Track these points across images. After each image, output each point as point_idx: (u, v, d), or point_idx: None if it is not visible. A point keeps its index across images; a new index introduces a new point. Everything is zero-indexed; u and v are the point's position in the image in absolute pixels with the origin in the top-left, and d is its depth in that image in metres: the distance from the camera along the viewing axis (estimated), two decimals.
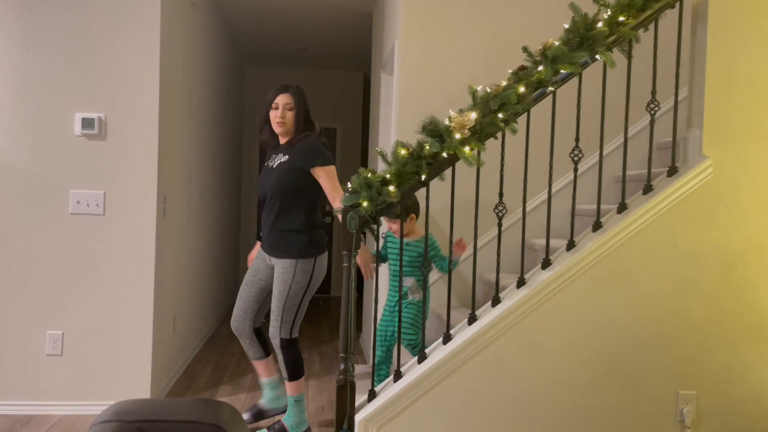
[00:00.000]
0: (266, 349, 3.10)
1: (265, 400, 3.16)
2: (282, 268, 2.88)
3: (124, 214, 3.31)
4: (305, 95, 2.99)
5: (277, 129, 2.93)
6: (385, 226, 3.05)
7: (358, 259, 2.86)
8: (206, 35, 4.71)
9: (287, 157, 2.91)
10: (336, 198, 2.88)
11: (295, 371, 2.94)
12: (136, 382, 3.33)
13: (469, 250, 3.54)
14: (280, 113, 2.90)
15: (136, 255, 3.32)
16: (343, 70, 7.39)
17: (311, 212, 2.93)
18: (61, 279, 3.28)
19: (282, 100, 2.91)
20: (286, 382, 2.98)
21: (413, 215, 3.04)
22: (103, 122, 3.28)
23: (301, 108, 2.94)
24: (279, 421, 3.04)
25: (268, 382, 3.14)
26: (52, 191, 3.27)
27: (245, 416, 3.14)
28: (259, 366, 3.11)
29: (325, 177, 2.89)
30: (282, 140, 2.98)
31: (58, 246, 3.27)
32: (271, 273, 2.99)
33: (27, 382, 3.27)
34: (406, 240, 3.03)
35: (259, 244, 3.15)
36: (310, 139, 2.94)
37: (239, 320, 3.04)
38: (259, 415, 3.14)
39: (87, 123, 3.25)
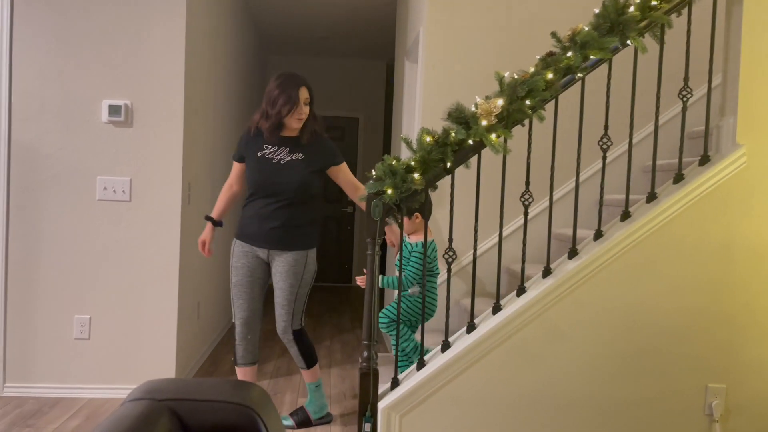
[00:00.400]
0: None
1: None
2: (293, 261, 2.86)
3: (150, 201, 3.34)
4: None
5: (295, 125, 2.82)
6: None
7: (388, 234, 2.88)
8: (230, 24, 4.72)
9: (302, 155, 2.84)
10: (360, 189, 2.92)
11: (310, 358, 2.97)
12: (161, 366, 3.37)
13: (495, 240, 3.51)
14: (302, 110, 2.81)
15: (161, 241, 3.35)
16: (366, 59, 7.36)
17: (318, 207, 3.00)
18: (88, 264, 3.33)
19: (302, 95, 2.81)
20: (304, 371, 2.99)
21: (418, 214, 2.96)
22: (129, 109, 3.31)
23: (313, 100, 2.89)
24: (302, 407, 3.06)
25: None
26: (79, 177, 3.31)
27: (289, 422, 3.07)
28: (248, 374, 3.00)
29: (344, 173, 2.96)
30: (287, 132, 2.86)
31: (86, 232, 3.32)
32: (266, 269, 2.92)
33: (55, 366, 3.34)
34: (405, 239, 3.01)
35: (212, 228, 2.99)
36: (322, 138, 2.91)
37: (256, 321, 2.94)
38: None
39: (114, 110, 3.28)
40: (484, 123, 2.26)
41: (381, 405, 2.34)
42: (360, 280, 2.65)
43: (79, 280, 3.33)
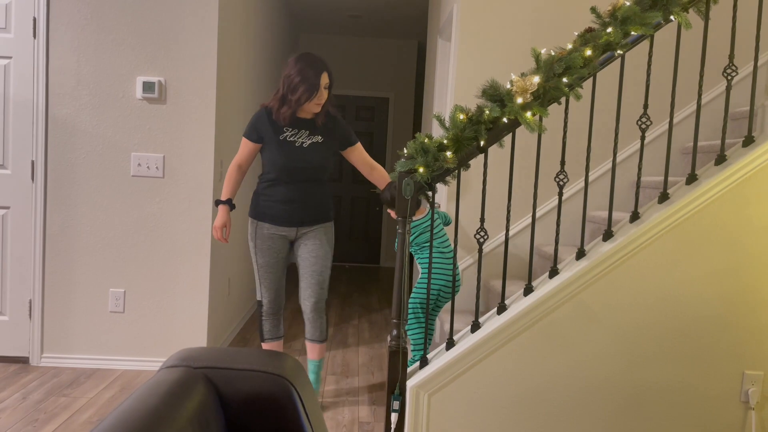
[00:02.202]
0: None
1: None
2: (323, 232, 2.95)
3: (183, 178, 3.37)
4: None
5: (315, 110, 2.81)
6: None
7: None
8: (262, 2, 4.70)
9: (321, 138, 2.86)
10: (375, 167, 3.00)
11: (327, 331, 3.06)
12: (193, 340, 3.43)
13: (523, 223, 3.46)
14: (322, 95, 2.80)
15: (193, 218, 3.39)
16: (397, 38, 7.29)
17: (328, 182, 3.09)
18: (123, 239, 3.39)
19: (323, 81, 2.78)
20: (319, 345, 3.00)
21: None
22: (163, 86, 3.33)
23: (333, 83, 2.86)
24: None
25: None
26: (114, 153, 3.36)
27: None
28: (276, 348, 3.06)
29: (360, 151, 3.00)
30: (304, 114, 2.85)
31: (120, 207, 3.38)
32: (289, 249, 2.97)
33: (91, 337, 3.42)
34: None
35: (227, 211, 2.91)
36: (336, 119, 2.93)
37: (281, 299, 3.00)
38: None
39: (147, 87, 3.30)
40: (519, 101, 2.21)
41: (410, 383, 2.35)
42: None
43: (113, 254, 3.39)
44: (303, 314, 2.98)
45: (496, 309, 2.42)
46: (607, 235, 2.36)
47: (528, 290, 2.39)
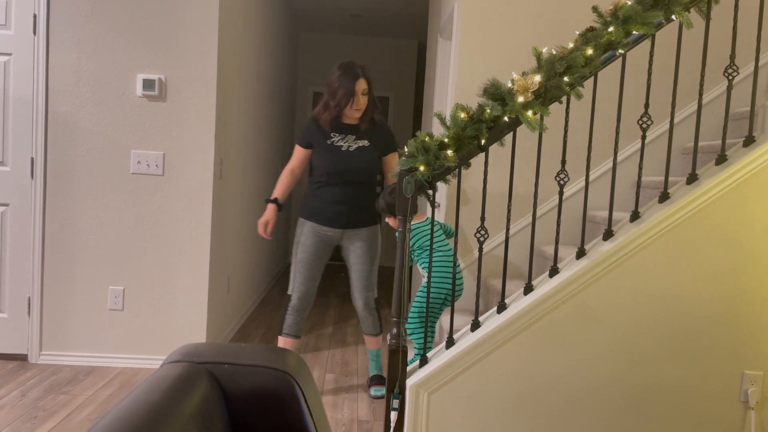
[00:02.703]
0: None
1: None
2: (372, 234, 3.14)
3: (183, 175, 3.37)
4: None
5: (355, 115, 3.01)
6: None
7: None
8: (263, 1, 4.70)
9: (367, 142, 3.06)
10: None
11: (381, 325, 3.27)
12: (192, 338, 3.43)
13: (527, 221, 3.46)
14: (359, 101, 2.97)
15: (193, 216, 3.39)
16: (398, 38, 7.29)
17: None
18: (122, 236, 3.38)
19: (360, 87, 2.96)
20: (375, 338, 3.24)
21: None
22: (163, 84, 3.33)
23: (372, 90, 3.04)
24: (375, 375, 3.28)
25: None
26: (114, 151, 3.35)
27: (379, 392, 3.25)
28: (290, 345, 3.18)
29: (396, 160, 3.15)
30: (349, 119, 3.05)
31: (120, 204, 3.37)
32: (331, 251, 3.16)
33: (90, 335, 3.42)
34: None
35: (275, 210, 3.08)
36: (383, 125, 3.15)
37: (311, 297, 3.13)
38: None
39: (148, 84, 3.30)
40: (520, 99, 2.21)
41: (410, 382, 2.34)
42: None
43: (113, 252, 3.39)
44: (357, 312, 3.28)
45: (496, 308, 2.42)
46: (608, 235, 2.36)
47: (528, 289, 2.39)
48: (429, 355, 2.45)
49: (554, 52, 2.26)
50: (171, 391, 0.86)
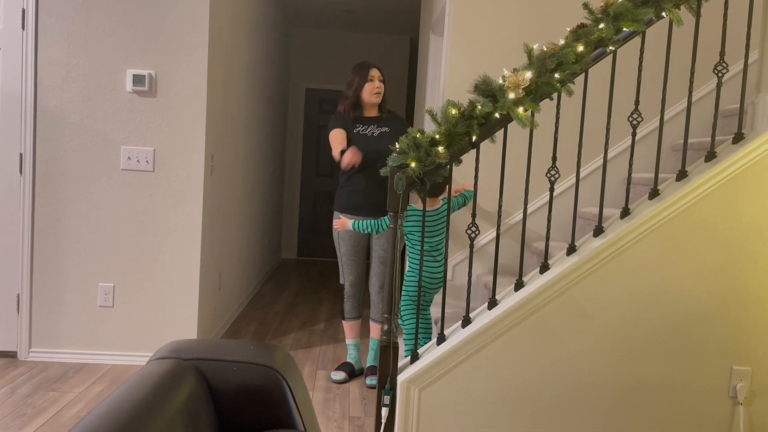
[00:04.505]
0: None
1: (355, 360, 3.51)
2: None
3: (173, 171, 3.35)
4: None
5: (374, 99, 3.25)
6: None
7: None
8: None
9: (387, 129, 3.29)
10: None
11: None
12: (183, 335, 3.42)
13: (515, 219, 3.47)
14: (378, 85, 3.24)
15: (184, 212, 3.37)
16: (390, 34, 7.27)
17: None
18: (112, 233, 3.36)
19: (376, 73, 3.25)
20: (378, 325, 3.34)
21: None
22: (153, 79, 3.31)
23: (386, 81, 3.32)
24: (370, 366, 3.37)
25: (356, 343, 3.51)
26: (104, 147, 3.33)
27: (339, 376, 3.38)
28: (354, 326, 3.45)
29: None
30: (368, 112, 3.29)
31: (110, 201, 3.35)
32: (368, 237, 3.35)
33: (80, 332, 3.40)
34: (414, 208, 2.96)
35: (353, 148, 3.12)
36: (398, 115, 3.43)
37: (362, 282, 3.40)
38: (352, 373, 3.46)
39: (138, 79, 3.28)
40: (511, 96, 2.21)
41: (401, 378, 2.35)
42: (337, 225, 3.20)
43: (103, 248, 3.37)
44: (370, 297, 3.38)
45: (486, 304, 2.42)
46: (598, 231, 2.37)
47: (519, 285, 2.39)
48: (420, 351, 2.45)
49: (545, 49, 2.26)
50: (157, 388, 0.86)
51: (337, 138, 3.28)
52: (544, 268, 2.38)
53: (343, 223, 3.17)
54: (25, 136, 3.30)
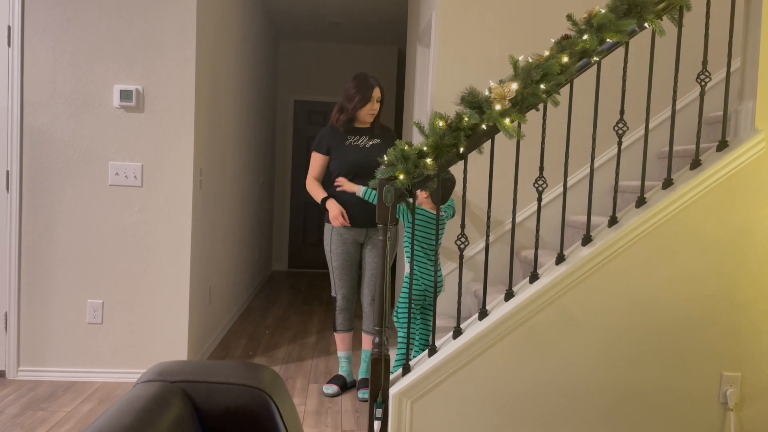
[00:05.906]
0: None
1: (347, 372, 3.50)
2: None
3: (162, 186, 3.34)
4: None
5: (368, 119, 3.30)
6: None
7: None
8: (241, 9, 4.69)
9: (379, 140, 3.33)
10: None
11: None
12: (173, 351, 3.39)
13: (504, 228, 3.48)
14: (374, 106, 3.29)
15: (173, 227, 3.36)
16: (377, 45, 7.31)
17: None
18: (100, 249, 3.34)
19: (376, 94, 3.28)
20: (370, 336, 3.35)
21: (426, 192, 2.93)
22: (140, 94, 3.30)
23: (383, 99, 3.35)
24: (363, 378, 3.37)
25: (348, 356, 3.50)
26: (91, 163, 3.31)
27: (332, 389, 3.37)
28: (346, 338, 3.45)
29: None
30: (361, 124, 3.33)
31: (98, 217, 3.33)
32: (360, 250, 3.36)
33: (69, 350, 3.36)
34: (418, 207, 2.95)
35: (334, 201, 3.24)
36: (390, 128, 3.46)
37: (353, 296, 3.39)
38: (344, 386, 3.45)
39: (125, 95, 3.27)
40: (497, 107, 2.22)
41: (392, 391, 2.34)
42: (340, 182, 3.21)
43: (91, 265, 3.34)
44: (362, 308, 3.39)
45: (477, 315, 2.42)
46: (586, 240, 2.38)
47: (509, 295, 2.40)
48: (412, 363, 2.45)
49: (530, 60, 2.28)
50: (143, 413, 0.85)
51: (313, 168, 3.35)
52: (534, 277, 2.39)
53: (352, 189, 3.13)
54: (11, 153, 3.28)
